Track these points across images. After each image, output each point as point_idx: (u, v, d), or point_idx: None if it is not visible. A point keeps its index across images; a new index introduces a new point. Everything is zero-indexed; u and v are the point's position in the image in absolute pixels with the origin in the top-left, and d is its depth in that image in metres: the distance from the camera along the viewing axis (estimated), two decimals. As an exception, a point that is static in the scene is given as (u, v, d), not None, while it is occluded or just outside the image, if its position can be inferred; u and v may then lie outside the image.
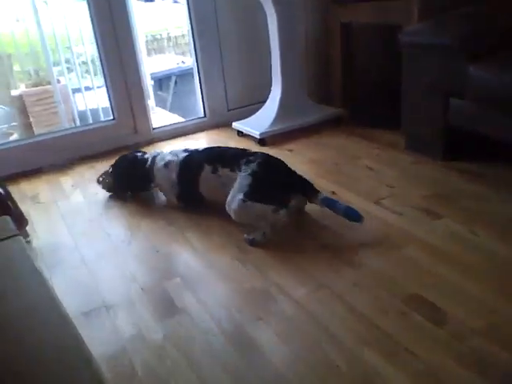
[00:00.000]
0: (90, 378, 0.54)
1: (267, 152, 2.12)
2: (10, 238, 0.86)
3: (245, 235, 1.96)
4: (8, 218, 0.95)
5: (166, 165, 2.26)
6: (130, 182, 2.42)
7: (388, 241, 1.86)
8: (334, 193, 2.25)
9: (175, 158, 2.25)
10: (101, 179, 2.50)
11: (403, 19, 2.66)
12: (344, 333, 1.42)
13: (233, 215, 1.97)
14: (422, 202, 2.10)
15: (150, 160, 2.34)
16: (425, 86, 2.42)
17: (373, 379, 1.26)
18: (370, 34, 3.44)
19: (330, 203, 1.95)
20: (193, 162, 2.20)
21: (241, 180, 1.96)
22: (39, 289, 0.72)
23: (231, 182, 2.00)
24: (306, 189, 1.99)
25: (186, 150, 2.29)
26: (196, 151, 2.26)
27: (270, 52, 3.04)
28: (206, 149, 2.27)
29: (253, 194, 1.91)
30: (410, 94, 2.53)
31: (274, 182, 1.97)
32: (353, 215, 1.90)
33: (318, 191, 1.98)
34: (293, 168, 2.09)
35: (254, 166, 1.98)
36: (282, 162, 2.09)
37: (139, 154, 2.43)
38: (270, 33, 2.98)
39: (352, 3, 3.05)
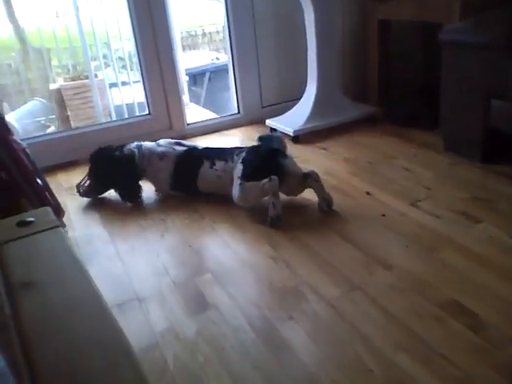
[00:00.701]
0: (131, 371, 0.54)
1: (300, 150, 2.10)
2: (51, 228, 0.87)
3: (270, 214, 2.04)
4: (49, 208, 0.96)
5: (161, 157, 2.35)
6: (117, 181, 2.38)
7: (424, 243, 1.82)
8: (368, 193, 2.21)
9: (171, 151, 2.35)
10: (81, 189, 2.43)
11: (444, 17, 2.60)
12: (377, 336, 1.40)
13: (238, 201, 2.12)
14: (459, 204, 2.05)
15: (137, 155, 2.36)
16: (465, 85, 2.35)
17: (407, 385, 1.23)
18: (408, 32, 3.38)
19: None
20: (192, 157, 2.32)
21: (237, 170, 2.14)
22: (81, 281, 0.72)
23: (225, 174, 2.19)
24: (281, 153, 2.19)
25: (180, 144, 2.41)
26: (195, 148, 2.39)
27: (306, 49, 3.01)
28: (206, 148, 2.41)
29: (246, 176, 2.09)
30: (449, 94, 2.46)
31: (260, 158, 2.13)
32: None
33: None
34: (325, 166, 2.09)
35: (243, 154, 2.18)
36: (265, 146, 2.24)
37: (118, 151, 2.39)
38: (306, 29, 2.96)
39: (391, 0, 2.99)
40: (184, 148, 2.38)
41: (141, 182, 2.40)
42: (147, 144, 2.42)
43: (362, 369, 1.29)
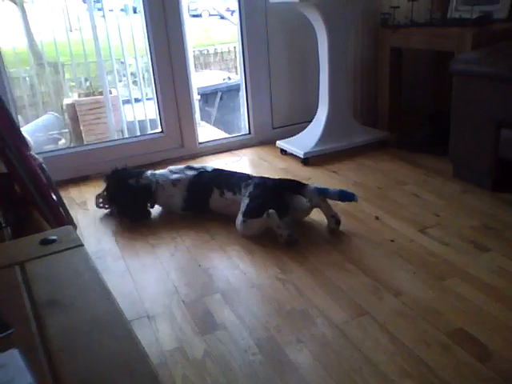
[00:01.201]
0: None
1: (311, 172, 2.11)
2: (74, 247, 0.90)
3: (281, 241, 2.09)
4: (71, 227, 0.99)
5: (174, 183, 2.42)
6: (132, 207, 2.42)
7: (432, 271, 1.83)
8: (377, 218, 2.23)
9: (183, 176, 2.43)
10: (101, 205, 2.54)
11: (456, 46, 2.64)
12: (384, 362, 1.41)
13: (241, 231, 2.18)
14: (468, 232, 2.06)
15: (154, 184, 2.43)
16: (475, 115, 2.39)
17: (415, 413, 1.24)
18: (420, 59, 3.43)
19: (322, 191, 2.16)
20: (202, 182, 2.38)
21: (243, 203, 2.19)
22: (105, 301, 0.75)
23: (234, 203, 2.24)
24: (294, 186, 2.21)
25: (191, 168, 2.47)
26: (205, 170, 2.44)
27: (318, 72, 3.06)
28: (215, 170, 2.46)
29: (250, 212, 2.13)
30: (459, 122, 2.50)
31: (266, 195, 2.16)
32: (347, 196, 2.15)
33: (306, 184, 2.19)
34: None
35: (250, 187, 2.22)
36: (271, 179, 2.29)
37: (134, 180, 2.43)
38: (319, 53, 3.01)
39: (403, 28, 3.05)
40: (194, 172, 2.44)
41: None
42: (161, 171, 2.50)
43: (369, 395, 1.30)
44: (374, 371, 1.38)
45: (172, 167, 2.53)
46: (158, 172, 2.50)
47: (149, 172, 2.48)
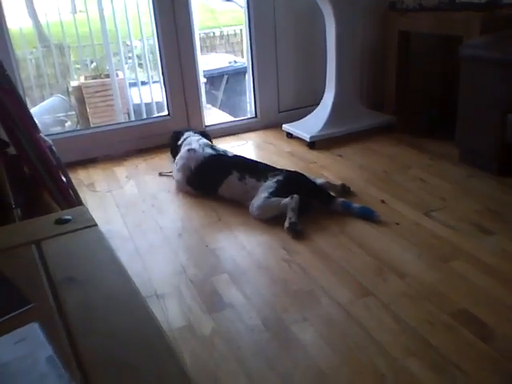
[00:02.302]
0: (175, 366, 0.59)
1: (317, 156, 2.12)
2: (88, 227, 0.92)
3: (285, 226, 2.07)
4: (85, 207, 1.01)
5: (189, 150, 2.50)
6: (172, 153, 2.71)
7: (437, 253, 1.85)
8: (383, 201, 2.25)
9: (200, 150, 2.47)
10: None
11: (464, 31, 2.63)
12: (390, 342, 1.44)
13: (256, 211, 2.17)
14: (473, 216, 2.08)
15: (181, 140, 2.63)
16: (483, 99, 2.39)
17: (418, 390, 1.27)
18: (428, 43, 3.41)
19: (346, 205, 2.17)
20: (220, 163, 2.41)
21: (266, 186, 2.21)
22: (120, 278, 0.78)
23: (253, 190, 2.24)
24: (325, 198, 2.21)
25: (212, 147, 2.52)
26: (225, 154, 2.47)
27: (325, 55, 3.05)
28: (236, 156, 2.47)
29: (275, 192, 2.17)
30: (466, 107, 2.50)
31: (294, 190, 2.16)
32: (367, 213, 2.12)
33: (335, 197, 2.21)
34: (340, 173, 2.20)
35: (279, 177, 2.24)
36: (304, 176, 2.30)
37: (183, 131, 2.72)
38: (326, 37, 3.00)
39: (411, 12, 3.03)
40: (213, 152, 2.46)
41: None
42: (193, 137, 2.61)
43: (374, 373, 1.33)
44: (378, 350, 1.41)
45: (201, 140, 2.59)
46: (192, 133, 2.65)
47: (191, 131, 2.71)
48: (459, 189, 2.34)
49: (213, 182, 2.39)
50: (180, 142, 2.63)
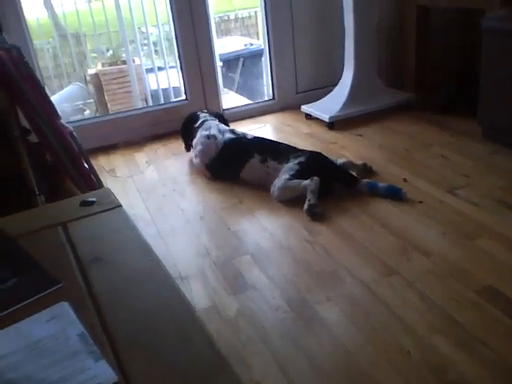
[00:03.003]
0: (204, 343, 0.59)
1: (336, 136, 2.09)
2: (113, 208, 0.93)
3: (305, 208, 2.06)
4: (109, 189, 1.02)
5: (209, 137, 2.48)
6: (185, 134, 2.73)
7: (461, 231, 1.83)
8: (405, 180, 2.22)
9: (220, 136, 2.46)
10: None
11: (485, 4, 2.55)
12: (415, 320, 1.43)
13: (277, 192, 2.16)
14: (497, 192, 2.04)
15: (199, 122, 2.62)
16: (505, 73, 2.33)
17: (446, 368, 1.26)
18: (447, 18, 3.33)
19: (372, 185, 2.14)
20: (240, 147, 2.39)
21: (288, 167, 2.19)
22: (146, 257, 0.78)
23: (275, 172, 2.23)
24: (347, 178, 2.20)
25: (231, 131, 2.51)
26: (244, 137, 2.45)
27: (342, 35, 3.01)
28: (256, 138, 2.45)
29: (297, 174, 2.15)
30: (488, 81, 2.44)
31: (316, 172, 2.14)
32: (394, 191, 2.10)
33: (359, 178, 2.19)
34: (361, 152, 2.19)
35: (301, 158, 2.21)
36: (326, 157, 2.27)
37: (198, 113, 2.74)
38: (344, 15, 2.95)
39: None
40: (233, 136, 2.45)
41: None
42: (210, 121, 2.60)
43: (399, 350, 1.33)
44: (404, 328, 1.40)
45: (220, 125, 2.58)
46: (210, 118, 2.64)
47: (207, 114, 2.71)
48: (482, 165, 2.30)
49: (234, 166, 2.38)
50: (197, 125, 2.62)
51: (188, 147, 2.73)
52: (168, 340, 0.62)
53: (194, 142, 2.57)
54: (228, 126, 2.72)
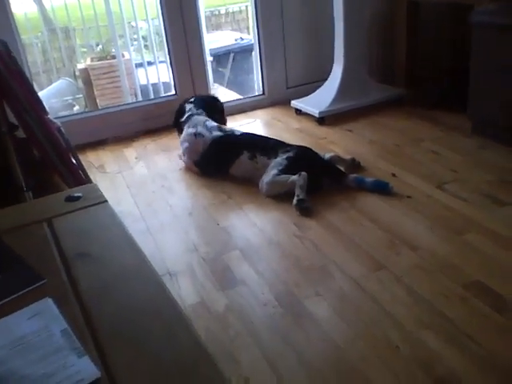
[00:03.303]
0: (189, 338, 0.59)
1: (326, 131, 2.09)
2: (99, 203, 0.92)
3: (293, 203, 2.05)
4: (96, 185, 1.01)
5: (196, 135, 2.45)
6: (176, 125, 2.72)
7: (450, 225, 1.84)
8: (394, 175, 2.23)
9: (207, 134, 2.43)
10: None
11: (475, -2, 2.56)
12: (403, 314, 1.43)
13: (265, 187, 2.16)
14: (486, 187, 2.06)
15: (185, 117, 2.59)
16: (495, 68, 2.34)
17: (434, 362, 1.27)
18: (437, 12, 3.33)
19: (359, 180, 2.16)
20: (229, 144, 2.38)
21: (276, 162, 2.19)
22: (132, 252, 0.77)
23: (265, 167, 2.22)
24: (336, 174, 2.20)
25: (219, 128, 2.46)
26: (232, 134, 2.43)
27: (332, 30, 3.00)
28: (244, 134, 2.45)
29: (285, 169, 2.15)
30: (478, 76, 2.45)
31: (305, 167, 2.13)
32: (381, 185, 2.12)
33: (347, 173, 2.19)
34: (350, 148, 2.21)
35: (290, 153, 2.21)
36: (315, 152, 2.28)
37: (185, 105, 2.68)
38: (334, 9, 2.94)
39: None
40: (221, 134, 2.42)
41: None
42: (198, 117, 2.55)
43: (388, 345, 1.33)
44: (393, 323, 1.41)
45: (208, 121, 2.51)
46: (196, 111, 2.59)
47: (194, 110, 2.61)
48: (471, 161, 2.31)
49: (223, 163, 2.38)
50: (183, 119, 2.59)
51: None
52: (152, 336, 0.61)
53: (181, 138, 2.56)
54: (221, 111, 2.73)
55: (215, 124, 2.51)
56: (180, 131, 2.64)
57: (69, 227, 0.88)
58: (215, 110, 2.71)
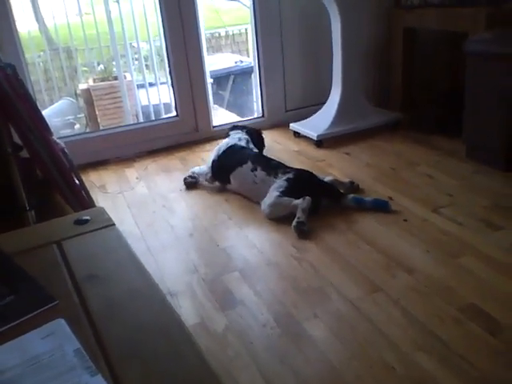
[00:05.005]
0: (195, 358, 0.63)
1: (324, 154, 2.13)
2: (107, 226, 0.96)
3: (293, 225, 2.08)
4: (103, 208, 1.05)
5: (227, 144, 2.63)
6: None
7: (445, 249, 1.88)
8: (391, 198, 2.27)
9: (232, 141, 2.61)
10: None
11: (469, 27, 2.64)
12: (399, 336, 1.47)
13: (267, 209, 2.20)
14: (481, 212, 2.10)
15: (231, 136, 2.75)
16: (489, 95, 2.40)
17: (428, 383, 1.30)
18: (433, 39, 3.42)
19: (358, 200, 2.21)
20: (240, 153, 2.50)
21: (278, 184, 2.24)
22: (140, 275, 0.81)
23: (261, 184, 2.30)
24: (335, 195, 2.25)
25: (246, 142, 2.63)
26: (248, 148, 2.57)
27: (330, 54, 3.08)
28: (253, 151, 2.57)
29: (287, 191, 2.19)
30: (472, 103, 2.51)
31: (304, 188, 2.21)
32: (380, 204, 2.19)
33: (345, 194, 2.25)
34: (348, 171, 2.27)
35: (289, 175, 2.27)
36: (314, 175, 2.34)
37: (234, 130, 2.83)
38: (332, 35, 3.02)
39: (417, 8, 3.05)
40: (240, 144, 2.59)
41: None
42: (237, 132, 2.75)
43: (384, 366, 1.36)
44: (388, 344, 1.44)
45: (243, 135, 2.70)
46: (235, 131, 2.78)
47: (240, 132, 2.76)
48: (466, 185, 2.36)
49: (229, 167, 2.47)
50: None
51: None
52: (160, 354, 0.64)
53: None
54: (262, 143, 2.85)
55: (246, 137, 2.68)
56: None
57: (78, 249, 0.92)
58: (259, 139, 2.83)
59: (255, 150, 2.59)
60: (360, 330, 1.51)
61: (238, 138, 2.66)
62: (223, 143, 2.65)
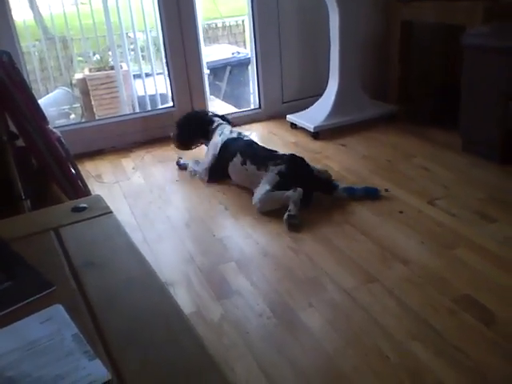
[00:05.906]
0: (193, 344, 0.63)
1: (321, 146, 2.12)
2: (105, 214, 0.96)
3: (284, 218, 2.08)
4: (100, 196, 1.05)
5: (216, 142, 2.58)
6: (191, 133, 2.76)
7: (440, 241, 1.89)
8: (386, 190, 2.28)
9: (222, 137, 2.57)
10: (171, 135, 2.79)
11: (467, 20, 2.64)
12: (393, 326, 1.48)
13: (259, 204, 2.18)
14: (476, 204, 2.11)
15: (215, 124, 2.68)
16: (485, 88, 2.41)
17: (423, 373, 1.31)
18: (430, 32, 3.42)
19: (349, 190, 2.24)
20: (230, 146, 2.49)
21: (269, 177, 2.21)
22: (137, 262, 0.81)
23: (255, 176, 2.28)
24: (327, 187, 2.24)
25: (238, 133, 2.62)
26: (240, 138, 2.55)
27: (328, 46, 3.07)
28: (247, 140, 2.54)
29: (277, 185, 2.18)
30: (468, 96, 2.52)
31: (296, 181, 2.18)
32: (371, 192, 2.23)
33: (337, 185, 2.25)
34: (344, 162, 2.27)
35: (281, 167, 2.22)
36: (305, 164, 2.30)
37: (206, 114, 2.80)
38: (330, 28, 3.02)
39: (414, 1, 3.04)
40: (233, 136, 2.56)
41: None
42: (224, 125, 2.68)
43: (378, 355, 1.38)
44: (383, 333, 1.45)
45: (234, 129, 2.69)
46: (221, 122, 2.71)
47: (219, 121, 2.72)
48: (462, 177, 2.37)
49: (224, 162, 2.47)
50: (213, 127, 2.68)
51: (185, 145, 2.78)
52: (158, 340, 0.65)
53: (209, 145, 2.66)
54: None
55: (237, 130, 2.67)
56: (206, 138, 2.72)
57: (75, 237, 0.92)
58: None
59: (246, 139, 2.55)
60: (355, 319, 1.52)
61: (228, 131, 2.62)
62: (218, 140, 2.57)
